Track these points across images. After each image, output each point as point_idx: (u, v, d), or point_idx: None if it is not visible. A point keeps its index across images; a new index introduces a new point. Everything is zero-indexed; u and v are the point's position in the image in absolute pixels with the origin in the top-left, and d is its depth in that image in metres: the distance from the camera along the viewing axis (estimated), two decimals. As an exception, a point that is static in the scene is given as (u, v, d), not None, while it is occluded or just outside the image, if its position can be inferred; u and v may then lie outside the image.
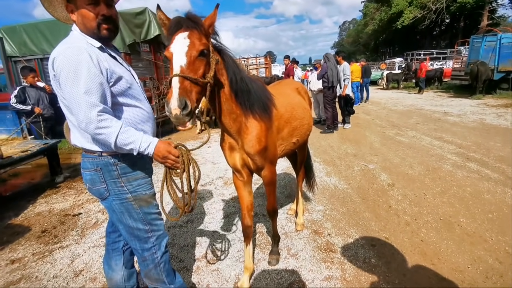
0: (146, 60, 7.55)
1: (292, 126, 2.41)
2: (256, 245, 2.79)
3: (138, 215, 1.56)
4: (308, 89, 7.85)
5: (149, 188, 1.62)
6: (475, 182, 3.86)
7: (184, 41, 1.45)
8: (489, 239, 2.62)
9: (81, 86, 1.32)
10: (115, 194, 1.53)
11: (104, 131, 1.36)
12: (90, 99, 1.34)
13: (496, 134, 6.26)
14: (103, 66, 1.41)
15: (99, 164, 1.50)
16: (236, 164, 2.10)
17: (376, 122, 8.47)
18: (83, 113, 1.33)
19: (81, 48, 1.36)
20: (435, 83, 17.73)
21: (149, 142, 1.43)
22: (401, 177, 4.20)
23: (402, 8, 28.99)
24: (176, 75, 1.37)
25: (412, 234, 2.78)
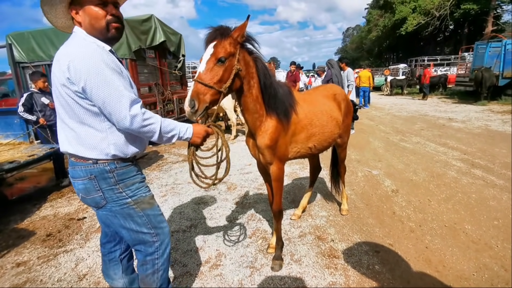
0: (152, 66, 7.65)
1: (310, 132, 2.53)
2: (258, 250, 2.79)
3: (142, 218, 1.54)
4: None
5: (148, 191, 1.62)
6: (480, 188, 3.83)
7: (210, 50, 1.74)
8: (495, 246, 2.59)
9: (118, 83, 1.33)
10: (113, 201, 1.49)
11: (150, 121, 1.41)
12: (131, 95, 1.36)
13: (502, 141, 6.21)
14: (121, 70, 1.42)
15: (93, 172, 1.44)
16: (257, 156, 2.39)
17: (380, 128, 8.46)
18: (127, 108, 1.33)
19: (98, 51, 1.35)
20: (439, 89, 17.68)
21: (186, 126, 1.56)
22: (405, 183, 4.18)
23: (405, 15, 29.10)
24: (193, 80, 1.71)
25: (416, 240, 2.76)
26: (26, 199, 4.37)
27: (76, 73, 1.30)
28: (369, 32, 40.71)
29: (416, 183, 4.16)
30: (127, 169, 1.52)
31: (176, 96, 8.62)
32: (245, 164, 5.59)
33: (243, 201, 3.91)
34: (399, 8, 30.32)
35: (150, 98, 7.49)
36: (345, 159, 3.34)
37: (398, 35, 31.57)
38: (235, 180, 4.73)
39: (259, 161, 2.47)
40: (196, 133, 1.59)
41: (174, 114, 8.60)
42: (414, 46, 37.62)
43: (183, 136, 1.54)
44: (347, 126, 3.15)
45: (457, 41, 33.54)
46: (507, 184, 3.91)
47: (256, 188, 4.34)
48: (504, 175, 4.24)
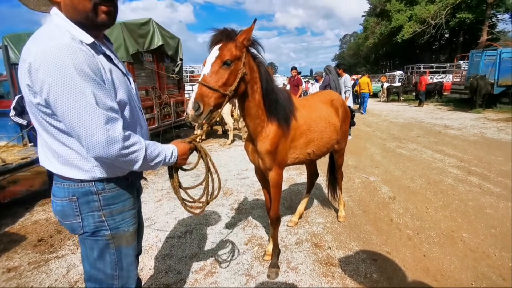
0: (149, 69, 7.61)
1: (309, 138, 2.53)
2: (254, 257, 2.74)
3: (112, 256, 1.26)
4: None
5: (133, 223, 1.34)
6: (477, 196, 3.83)
7: (215, 53, 1.71)
8: (493, 255, 2.57)
9: (90, 97, 1.01)
10: (90, 231, 1.21)
11: (133, 149, 1.12)
12: (108, 113, 1.05)
13: (497, 148, 6.24)
14: (103, 74, 1.10)
15: (76, 192, 1.18)
16: (255, 161, 2.36)
17: (377, 134, 8.48)
18: (102, 132, 1.03)
19: (70, 47, 1.00)
20: (435, 97, 17.85)
21: (171, 148, 1.33)
22: (402, 190, 4.17)
23: (402, 23, 29.43)
24: (198, 82, 1.66)
25: (414, 249, 2.74)
26: (18, 203, 4.28)
27: (37, 80, 0.99)
28: (366, 39, 41.08)
29: (413, 190, 4.15)
30: (117, 191, 1.26)
31: (173, 100, 8.58)
32: (241, 169, 5.55)
33: (239, 207, 3.87)
34: (396, 16, 30.68)
35: (147, 102, 7.45)
36: (342, 165, 3.33)
37: (395, 42, 31.88)
38: (231, 185, 4.69)
39: (258, 167, 2.44)
40: (181, 153, 1.37)
41: (171, 118, 8.55)
42: (410, 54, 38.02)
43: (168, 161, 1.30)
44: (345, 132, 3.14)
45: (452, 49, 33.96)
46: (503, 192, 3.91)
47: (252, 194, 4.30)
48: (501, 183, 4.24)
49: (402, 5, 31.25)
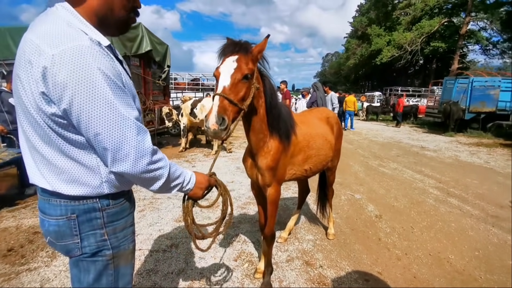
0: (135, 74, 7.42)
1: (307, 154, 2.52)
2: (245, 275, 2.64)
3: (109, 278, 1.14)
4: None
5: (132, 240, 1.23)
6: (458, 218, 3.96)
7: (232, 64, 1.64)
8: (479, 277, 2.64)
9: (119, 105, 0.92)
10: (91, 252, 1.08)
11: (159, 165, 1.03)
12: (138, 123, 0.97)
13: (472, 171, 6.57)
14: (122, 80, 1.00)
15: (75, 210, 1.04)
16: (254, 176, 2.30)
17: (359, 152, 8.68)
18: (133, 144, 0.95)
19: (92, 50, 0.90)
20: (410, 118, 18.70)
21: (190, 173, 1.22)
22: (387, 209, 4.24)
23: (381, 47, 30.98)
24: (218, 94, 1.56)
25: (404, 269, 2.75)
26: (-16, 208, 3.93)
27: (56, 87, 0.87)
28: (347, 59, 42.75)
29: (398, 209, 4.23)
30: (121, 206, 1.14)
31: (157, 106, 8.39)
32: (227, 181, 5.45)
33: (226, 221, 3.75)
34: (375, 40, 32.29)
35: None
36: (333, 183, 3.34)
37: (374, 64, 33.41)
38: (217, 198, 4.56)
39: (256, 182, 2.37)
40: (199, 183, 1.24)
41: (154, 124, 8.33)
42: (387, 76, 39.92)
43: (186, 186, 1.19)
44: (338, 150, 3.17)
45: (426, 75, 36.03)
46: (482, 214, 4.08)
47: (239, 207, 4.20)
48: (478, 205, 4.43)
49: (382, 30, 33.02)
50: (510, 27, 22.63)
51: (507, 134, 11.76)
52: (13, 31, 6.63)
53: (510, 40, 25.60)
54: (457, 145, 10.31)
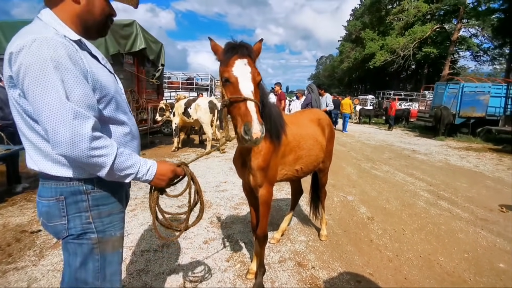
0: (129, 72, 7.34)
1: (297, 154, 2.53)
2: (237, 275, 2.63)
3: (95, 263, 1.19)
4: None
5: (120, 228, 1.28)
6: (448, 220, 4.01)
7: (245, 67, 1.61)
8: (468, 279, 2.67)
9: (61, 90, 0.98)
10: (76, 233, 1.15)
11: (100, 152, 1.04)
12: (78, 109, 1.01)
13: (461, 175, 6.67)
14: (85, 68, 1.08)
15: (63, 191, 1.13)
16: (245, 178, 2.29)
17: (352, 155, 8.75)
18: (69, 128, 0.98)
19: (54, 41, 1.00)
20: (402, 122, 18.94)
21: (149, 165, 1.22)
22: (379, 211, 4.28)
23: (374, 51, 31.34)
24: (253, 100, 1.54)
25: (395, 271, 2.77)
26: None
27: (14, 70, 0.99)
28: (341, 62, 43.12)
29: (390, 211, 4.27)
30: (107, 192, 1.21)
31: (151, 105, 8.31)
32: (220, 182, 5.43)
33: (219, 221, 3.74)
34: (369, 44, 32.67)
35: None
36: (326, 184, 3.35)
37: (367, 68, 33.78)
38: (210, 198, 4.55)
39: (247, 183, 2.36)
40: (160, 174, 1.24)
41: (147, 123, 8.25)
42: (380, 80, 40.39)
43: (142, 177, 1.19)
44: (330, 151, 3.19)
45: (417, 80, 36.60)
46: (471, 217, 4.14)
47: (232, 208, 4.18)
48: (468, 208, 4.50)
49: (375, 35, 33.44)
50: (501, 33, 23.08)
51: (496, 139, 11.99)
52: (5, 26, 6.48)
53: (501, 47, 26.16)
54: (447, 149, 10.47)
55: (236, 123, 1.58)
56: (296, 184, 3.45)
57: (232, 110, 1.60)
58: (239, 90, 1.57)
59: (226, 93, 1.62)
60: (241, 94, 1.55)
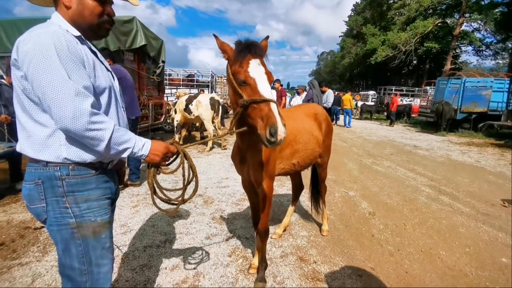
0: (129, 69, 7.33)
1: (294, 148, 2.54)
2: (239, 270, 2.65)
3: (78, 248, 1.24)
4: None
5: (101, 214, 1.31)
6: (449, 215, 4.02)
7: (260, 68, 1.62)
8: (469, 273, 2.68)
9: (63, 72, 1.10)
10: (54, 217, 1.22)
11: (98, 126, 1.14)
12: (79, 87, 1.12)
13: (462, 170, 6.67)
14: (82, 57, 1.20)
15: (41, 176, 1.20)
16: (244, 174, 2.30)
17: (353, 150, 8.74)
18: (71, 104, 1.08)
19: (56, 32, 1.14)
20: (404, 118, 18.88)
21: (144, 141, 1.31)
22: (380, 206, 4.28)
23: (375, 46, 31.15)
24: (275, 101, 1.56)
25: (396, 265, 2.79)
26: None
27: (20, 54, 1.12)
28: (342, 58, 42.92)
29: (391, 206, 4.28)
30: (83, 179, 1.25)
31: (152, 102, 8.32)
32: (221, 178, 5.44)
33: (221, 217, 3.76)
34: (370, 39, 32.46)
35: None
36: (325, 179, 3.36)
37: (369, 63, 33.59)
38: (212, 194, 4.56)
39: (247, 179, 2.38)
40: (154, 149, 1.33)
41: (148, 120, 8.26)
42: (382, 76, 40.21)
43: (138, 152, 1.27)
44: (328, 146, 3.18)
45: (419, 75, 36.41)
46: (472, 212, 4.15)
47: (234, 203, 4.20)
48: (469, 203, 4.50)
49: (377, 30, 33.21)
50: (504, 27, 22.89)
51: (498, 134, 11.95)
52: (6, 24, 6.47)
53: (504, 41, 25.94)
54: (449, 145, 10.45)
55: (255, 124, 1.56)
56: (296, 179, 3.46)
57: (251, 111, 1.57)
58: (259, 92, 1.56)
59: (243, 94, 1.59)
60: (261, 95, 1.55)
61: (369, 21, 35.43)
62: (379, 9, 34.28)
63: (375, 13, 35.21)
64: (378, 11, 34.62)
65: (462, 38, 27.93)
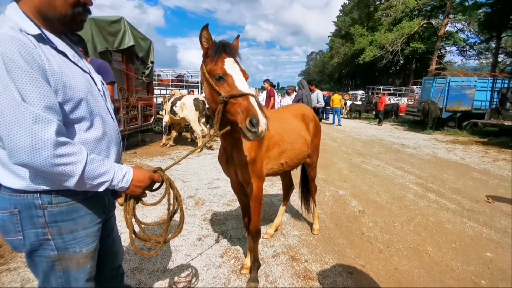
0: (117, 69, 7.23)
1: (281, 148, 2.54)
2: (231, 271, 2.65)
3: (58, 280, 1.11)
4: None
5: (88, 243, 1.15)
6: (436, 212, 4.12)
7: (235, 65, 1.66)
8: (456, 268, 2.76)
9: (14, 91, 0.87)
10: (32, 250, 1.06)
11: (66, 159, 0.94)
12: (38, 111, 0.90)
13: (448, 168, 6.84)
14: (43, 66, 0.96)
15: (18, 204, 1.02)
16: (232, 175, 2.33)
17: (343, 149, 8.86)
18: (28, 134, 0.88)
19: (5, 37, 0.90)
20: (392, 117, 19.22)
21: (125, 170, 1.13)
22: (370, 204, 4.36)
23: (363, 46, 31.58)
24: (253, 95, 1.59)
25: (385, 262, 2.85)
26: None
27: None
28: (331, 58, 43.38)
29: (380, 204, 4.36)
30: (69, 206, 1.09)
31: (141, 103, 8.22)
32: (213, 179, 5.43)
33: (212, 218, 3.75)
34: (358, 39, 32.90)
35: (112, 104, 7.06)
36: (315, 178, 3.39)
37: (357, 63, 34.05)
38: (203, 195, 4.55)
39: (235, 180, 2.40)
40: (136, 180, 1.15)
41: (138, 121, 8.16)
42: (370, 75, 40.81)
43: (118, 184, 1.10)
44: (316, 146, 3.21)
45: (406, 75, 37.08)
46: (458, 208, 4.26)
47: (225, 204, 4.20)
48: (455, 199, 4.63)
49: (364, 30, 33.68)
50: (487, 28, 23.57)
51: (482, 132, 12.31)
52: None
53: (487, 41, 26.73)
54: (435, 143, 10.70)
55: (236, 119, 1.56)
56: (286, 178, 3.48)
57: (231, 107, 1.58)
58: (236, 87, 1.59)
59: (220, 90, 1.59)
60: (239, 90, 1.58)
61: (357, 21, 35.93)
62: (366, 10, 34.79)
63: (362, 14, 35.72)
64: (365, 12, 35.12)
65: (446, 38, 28.60)
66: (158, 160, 6.77)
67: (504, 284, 2.54)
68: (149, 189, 1.25)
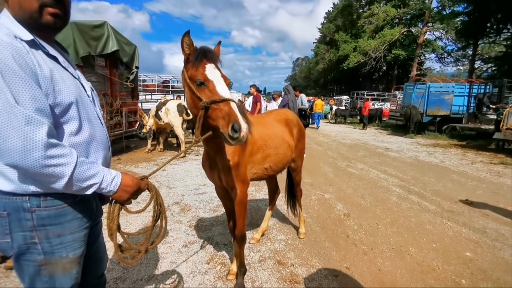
0: (101, 74, 7.11)
1: (265, 153, 2.56)
2: (218, 277, 2.63)
3: (43, 284, 1.11)
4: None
5: (75, 248, 1.15)
6: (418, 213, 4.24)
7: (216, 71, 1.66)
8: (437, 268, 2.84)
9: (8, 94, 0.91)
10: (20, 253, 1.07)
11: (57, 161, 0.97)
12: (31, 113, 0.93)
13: (429, 170, 7.05)
14: (35, 71, 0.99)
15: (7, 206, 1.04)
16: (216, 180, 2.32)
17: (328, 154, 8.98)
18: (20, 135, 0.91)
19: (0, 43, 0.94)
20: (376, 121, 19.69)
21: (113, 174, 1.15)
22: (355, 207, 4.43)
23: (348, 52, 32.38)
24: (234, 101, 1.60)
25: (370, 263, 2.90)
26: None
27: None
28: (316, 64, 44.15)
29: (365, 207, 4.44)
30: (58, 210, 1.09)
31: (126, 108, 8.10)
32: (199, 184, 5.39)
33: (198, 224, 3.72)
34: (342, 46, 33.72)
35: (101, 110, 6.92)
36: (300, 182, 3.42)
37: (342, 69, 34.83)
38: (189, 201, 4.51)
39: (219, 186, 2.40)
40: (124, 185, 1.17)
41: (122, 127, 8.03)
42: (354, 81, 41.76)
43: (106, 187, 1.12)
44: (300, 151, 3.25)
45: (388, 80, 38.19)
46: (438, 209, 4.40)
47: (211, 210, 4.17)
48: (435, 201, 4.77)
49: (348, 37, 34.56)
50: (464, 36, 24.65)
51: (460, 136, 12.79)
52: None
53: (464, 48, 27.93)
54: (417, 146, 11.01)
55: (217, 124, 1.57)
56: (272, 183, 3.50)
57: (212, 112, 1.58)
58: (218, 93, 1.59)
59: (201, 96, 1.60)
60: (220, 96, 1.58)
61: (341, 28, 36.82)
62: (350, 17, 35.75)
63: (346, 21, 36.65)
64: (349, 19, 36.07)
65: (426, 46, 29.68)
66: (143, 167, 6.66)
67: (484, 283, 2.63)
68: (134, 197, 1.26)
